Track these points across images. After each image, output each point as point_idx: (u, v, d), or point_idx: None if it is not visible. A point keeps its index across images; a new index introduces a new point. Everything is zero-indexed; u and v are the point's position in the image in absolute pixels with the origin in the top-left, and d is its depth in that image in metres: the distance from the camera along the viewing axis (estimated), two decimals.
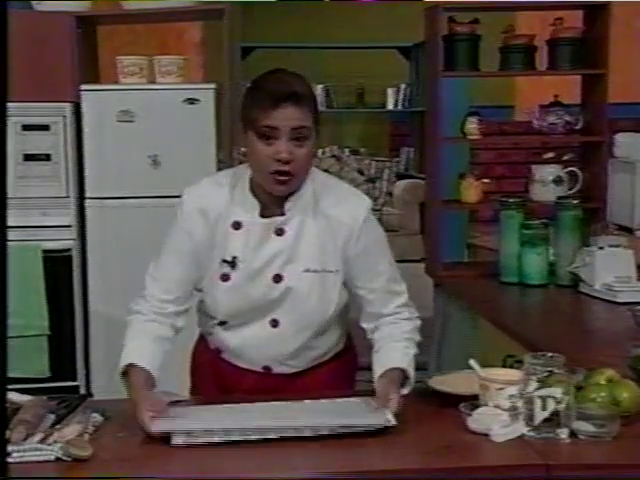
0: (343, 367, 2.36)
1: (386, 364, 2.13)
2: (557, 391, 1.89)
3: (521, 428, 1.90)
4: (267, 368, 2.26)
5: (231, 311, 2.20)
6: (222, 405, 2.11)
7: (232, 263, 2.15)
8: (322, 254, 2.16)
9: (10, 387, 2.11)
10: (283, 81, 2.09)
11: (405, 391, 2.09)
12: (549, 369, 1.93)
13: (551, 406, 1.89)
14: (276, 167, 2.06)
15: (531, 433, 1.89)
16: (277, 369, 2.26)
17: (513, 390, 1.95)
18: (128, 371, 2.09)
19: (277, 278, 2.15)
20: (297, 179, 2.11)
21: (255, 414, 2.00)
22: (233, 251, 2.15)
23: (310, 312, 2.18)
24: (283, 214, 2.15)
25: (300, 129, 2.06)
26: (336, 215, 2.16)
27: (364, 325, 2.27)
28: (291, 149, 2.05)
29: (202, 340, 2.39)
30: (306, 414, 1.99)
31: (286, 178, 2.08)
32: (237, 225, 2.16)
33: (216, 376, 2.33)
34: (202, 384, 2.36)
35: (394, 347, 2.18)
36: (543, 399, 1.89)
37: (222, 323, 2.24)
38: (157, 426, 1.90)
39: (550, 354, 1.98)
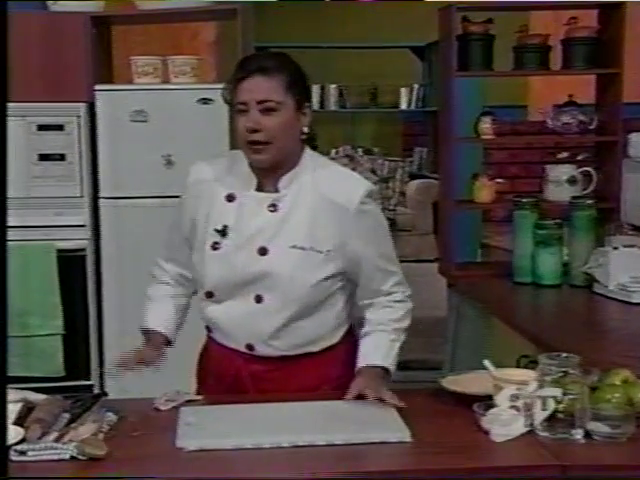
0: (334, 362, 2.31)
1: (370, 358, 2.21)
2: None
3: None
4: (250, 347, 2.25)
5: (216, 280, 2.23)
6: (232, 406, 2.12)
7: (222, 232, 2.22)
8: (312, 233, 2.18)
9: (25, 386, 2.14)
10: (254, 58, 2.24)
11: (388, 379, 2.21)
12: (564, 369, 1.92)
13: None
14: (249, 137, 2.15)
15: (546, 434, 1.89)
16: (260, 349, 2.24)
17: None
18: (147, 332, 2.35)
19: (262, 251, 2.18)
20: (274, 148, 2.16)
21: (269, 423, 2.00)
22: (225, 221, 2.23)
23: (294, 289, 2.18)
24: (278, 191, 2.22)
25: (266, 102, 2.13)
26: (332, 196, 2.19)
27: (360, 302, 2.31)
28: (259, 119, 2.13)
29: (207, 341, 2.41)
30: (320, 424, 1.98)
31: (259, 147, 2.15)
32: (230, 197, 2.24)
33: (214, 370, 2.35)
34: (207, 384, 2.37)
35: (380, 337, 2.25)
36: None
37: (209, 295, 2.26)
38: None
39: (565, 354, 1.98)
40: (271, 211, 2.20)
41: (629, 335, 2.90)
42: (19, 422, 1.93)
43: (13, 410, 1.95)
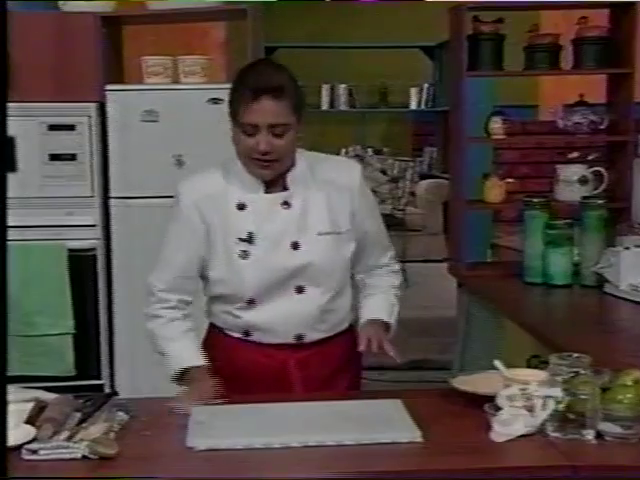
0: (353, 339, 2.41)
1: (374, 313, 2.39)
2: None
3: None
4: (300, 337, 2.32)
5: (258, 286, 2.27)
6: (243, 406, 2.13)
7: (249, 240, 2.26)
8: (331, 217, 2.30)
9: (36, 385, 2.15)
10: (263, 75, 2.23)
11: (389, 335, 2.36)
12: (575, 370, 1.92)
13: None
14: (257, 156, 2.22)
15: (557, 434, 1.88)
16: (310, 336, 2.33)
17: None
18: (187, 371, 2.26)
19: (294, 245, 2.27)
20: (280, 163, 2.25)
21: (279, 423, 2.00)
22: (246, 228, 2.26)
23: (329, 272, 2.30)
24: (286, 189, 2.29)
25: (278, 126, 2.19)
26: (335, 180, 2.32)
27: (358, 276, 2.46)
28: (270, 141, 2.20)
29: (213, 338, 2.41)
30: (330, 425, 1.98)
31: (268, 164, 2.23)
32: (241, 206, 2.28)
33: (236, 364, 2.34)
34: (241, 385, 2.35)
35: (383, 298, 2.43)
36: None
37: (250, 302, 2.29)
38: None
39: (576, 355, 1.98)
40: (285, 208, 2.27)
41: None
42: (31, 421, 1.93)
43: (25, 409, 1.96)
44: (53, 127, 4.01)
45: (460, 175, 3.94)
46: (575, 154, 4.34)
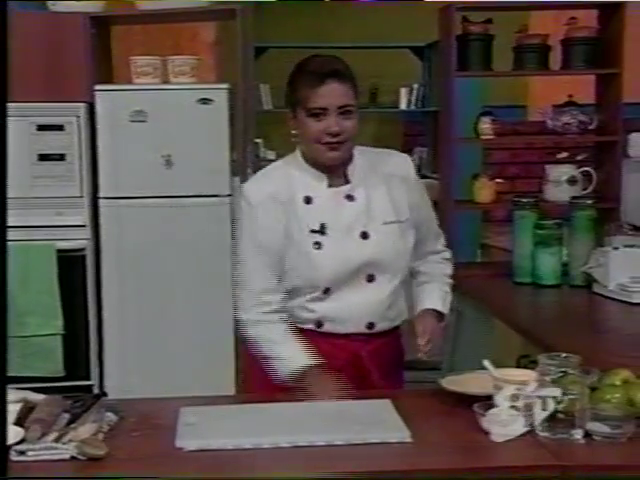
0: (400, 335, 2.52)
1: (430, 302, 2.47)
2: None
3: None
4: (371, 325, 2.38)
5: (332, 276, 2.32)
6: (233, 406, 2.12)
7: (321, 231, 2.32)
8: (393, 207, 2.39)
9: (25, 386, 2.14)
10: (324, 61, 2.37)
11: (442, 325, 2.47)
12: (563, 370, 1.93)
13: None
14: (327, 139, 2.30)
15: (546, 434, 1.89)
16: (380, 324, 2.39)
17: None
18: (304, 372, 2.27)
19: (364, 235, 2.34)
20: (346, 147, 2.34)
21: (269, 423, 2.00)
22: (318, 220, 2.33)
23: (396, 260, 2.38)
24: (347, 182, 2.37)
25: (345, 107, 2.30)
26: (391, 171, 2.43)
27: (414, 263, 2.50)
28: (339, 122, 2.29)
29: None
30: (320, 425, 1.98)
31: (337, 145, 2.31)
32: (308, 200, 2.35)
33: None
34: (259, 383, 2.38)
35: (437, 287, 2.51)
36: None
37: (325, 292, 2.33)
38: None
39: (565, 355, 1.98)
40: (350, 201, 2.34)
41: (629, 335, 2.90)
42: (19, 422, 1.93)
43: (13, 410, 1.95)
44: (42, 127, 4.00)
45: (450, 175, 3.95)
46: (564, 154, 4.36)
